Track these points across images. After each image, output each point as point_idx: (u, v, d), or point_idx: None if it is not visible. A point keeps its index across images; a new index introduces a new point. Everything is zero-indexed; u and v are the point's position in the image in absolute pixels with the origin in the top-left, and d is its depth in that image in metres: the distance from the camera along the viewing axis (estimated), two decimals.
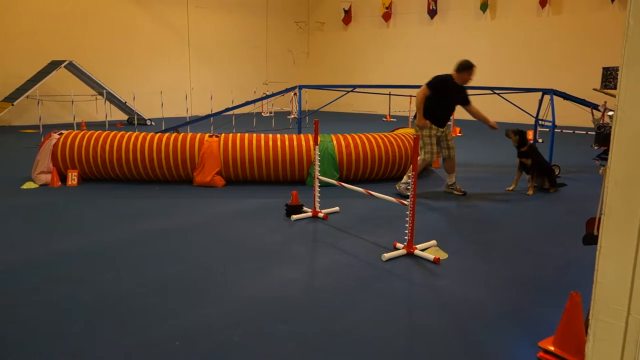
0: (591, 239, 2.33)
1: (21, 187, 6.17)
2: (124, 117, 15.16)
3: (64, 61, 13.05)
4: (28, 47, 13.92)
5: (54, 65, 13.13)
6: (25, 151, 9.07)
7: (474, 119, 6.14)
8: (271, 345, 2.58)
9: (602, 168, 1.94)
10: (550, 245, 4.26)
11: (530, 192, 6.15)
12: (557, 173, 7.31)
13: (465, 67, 5.85)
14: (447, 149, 6.09)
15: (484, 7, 16.97)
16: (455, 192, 6.15)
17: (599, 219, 1.73)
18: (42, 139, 6.73)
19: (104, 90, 13.47)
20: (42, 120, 12.25)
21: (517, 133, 6.19)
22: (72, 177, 6.35)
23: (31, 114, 13.56)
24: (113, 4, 15.76)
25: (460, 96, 6.01)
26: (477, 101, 5.89)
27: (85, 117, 14.15)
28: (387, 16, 19.91)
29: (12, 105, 12.33)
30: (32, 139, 10.80)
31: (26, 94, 12.48)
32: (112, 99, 14.15)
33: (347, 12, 21.20)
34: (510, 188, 6.27)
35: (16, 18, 13.73)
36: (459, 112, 6.71)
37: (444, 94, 5.89)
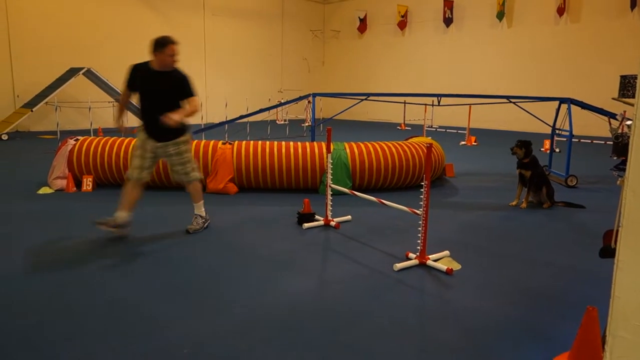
0: (608, 252, 2.27)
1: (37, 192, 6.24)
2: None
3: (82, 68, 13.27)
4: (47, 55, 14.19)
5: (72, 72, 13.37)
6: (42, 156, 9.20)
7: (489, 128, 6.02)
8: (279, 355, 2.55)
9: (620, 179, 1.88)
10: (565, 258, 4.17)
11: (524, 205, 5.86)
12: (574, 183, 7.18)
13: (161, 44, 4.23)
14: (176, 173, 4.66)
15: (500, 15, 16.87)
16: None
17: (617, 231, 1.68)
18: (59, 145, 6.82)
19: None
20: (59, 126, 12.45)
21: (524, 145, 5.87)
22: (87, 183, 6.41)
23: (49, 120, 13.80)
24: (130, 12, 16.02)
25: (162, 89, 4.37)
26: (494, 110, 5.64)
27: (102, 124, 14.35)
28: (402, 24, 19.90)
29: (32, 111, 12.56)
30: (50, 144, 10.96)
31: (45, 100, 12.71)
32: (128, 105, 14.33)
33: (363, 21, 21.24)
34: (513, 203, 5.97)
35: (36, 26, 14.02)
36: (474, 120, 6.59)
37: (140, 88, 4.46)
